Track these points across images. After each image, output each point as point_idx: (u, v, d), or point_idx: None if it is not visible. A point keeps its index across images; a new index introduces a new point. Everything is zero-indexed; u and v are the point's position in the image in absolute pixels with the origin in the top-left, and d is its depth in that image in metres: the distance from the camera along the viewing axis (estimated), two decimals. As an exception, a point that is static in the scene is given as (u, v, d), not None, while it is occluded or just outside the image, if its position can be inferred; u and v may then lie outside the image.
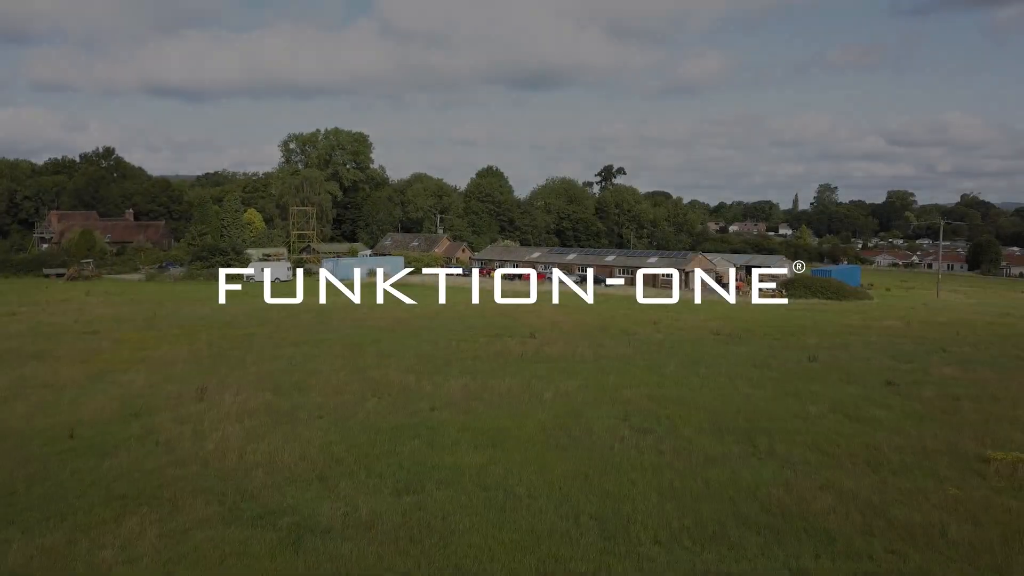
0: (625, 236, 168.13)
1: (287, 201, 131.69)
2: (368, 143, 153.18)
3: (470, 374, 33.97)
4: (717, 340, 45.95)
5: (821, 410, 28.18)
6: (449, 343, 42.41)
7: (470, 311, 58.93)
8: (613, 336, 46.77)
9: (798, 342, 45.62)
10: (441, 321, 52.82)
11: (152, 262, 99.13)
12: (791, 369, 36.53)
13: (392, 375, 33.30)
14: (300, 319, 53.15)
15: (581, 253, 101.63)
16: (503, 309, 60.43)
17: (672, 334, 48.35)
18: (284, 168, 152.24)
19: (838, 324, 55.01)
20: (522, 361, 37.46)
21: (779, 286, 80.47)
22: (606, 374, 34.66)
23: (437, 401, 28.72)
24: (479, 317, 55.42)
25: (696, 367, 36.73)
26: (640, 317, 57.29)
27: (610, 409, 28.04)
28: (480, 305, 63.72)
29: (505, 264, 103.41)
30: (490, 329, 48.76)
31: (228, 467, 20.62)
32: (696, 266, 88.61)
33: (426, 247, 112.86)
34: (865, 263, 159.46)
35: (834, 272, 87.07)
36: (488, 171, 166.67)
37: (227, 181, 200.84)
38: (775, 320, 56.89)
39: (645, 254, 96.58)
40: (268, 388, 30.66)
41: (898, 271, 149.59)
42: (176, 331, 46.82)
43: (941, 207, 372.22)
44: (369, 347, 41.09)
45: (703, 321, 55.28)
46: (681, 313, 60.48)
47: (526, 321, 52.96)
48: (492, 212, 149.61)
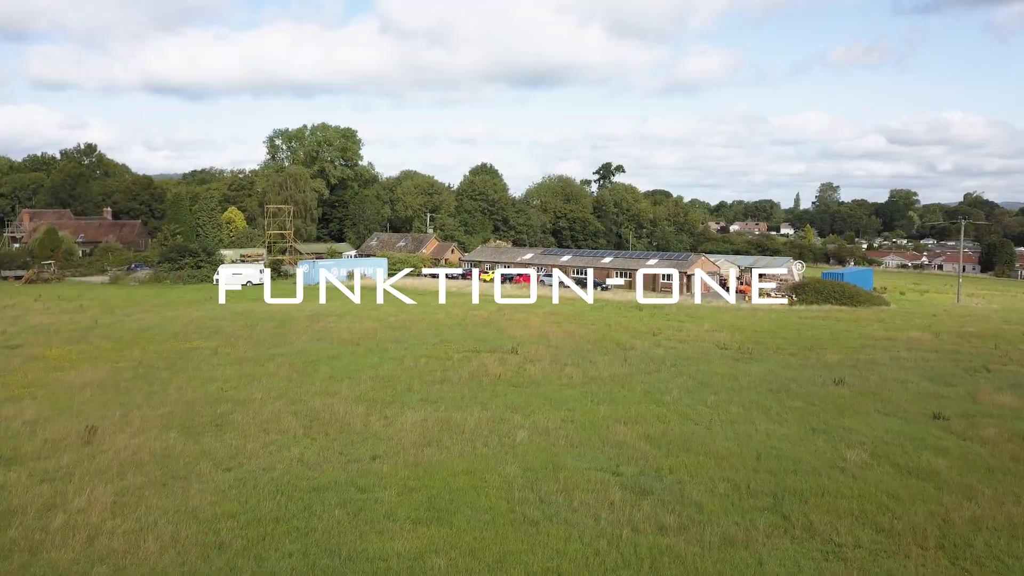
0: (624, 236, 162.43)
1: (269, 199, 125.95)
2: (357, 139, 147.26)
3: (432, 404, 28.32)
4: (725, 356, 40.31)
5: (862, 457, 22.55)
6: (416, 361, 36.73)
7: (450, 320, 53.28)
8: (607, 351, 41.12)
9: (818, 358, 39.98)
10: (416, 332, 47.18)
11: (121, 263, 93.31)
12: (815, 395, 30.89)
13: (338, 406, 27.63)
14: (257, 329, 47.49)
15: (577, 254, 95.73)
16: (487, 318, 54.79)
17: (674, 348, 42.72)
18: (269, 165, 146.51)
19: (859, 335, 49.37)
20: (498, 385, 31.80)
21: (787, 290, 74.78)
22: (596, 403, 29.02)
23: (383, 445, 23.07)
24: (459, 327, 49.77)
25: (703, 392, 31.10)
26: (638, 326, 51.68)
27: (598, 455, 22.42)
28: (473, 308, 58.05)
29: (497, 266, 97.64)
30: (468, 342, 43.10)
31: (63, 562, 14.94)
32: (700, 268, 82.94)
33: (413, 247, 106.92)
34: (872, 264, 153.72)
35: (846, 275, 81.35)
36: (482, 168, 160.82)
37: (214, 179, 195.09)
38: (788, 330, 51.25)
39: (644, 255, 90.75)
40: (178, 425, 25.00)
41: (907, 272, 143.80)
42: (109, 345, 41.12)
43: (944, 206, 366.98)
44: (323, 366, 35.42)
45: (708, 331, 49.65)
46: (683, 322, 54.84)
47: (511, 332, 47.31)
48: (485, 211, 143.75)
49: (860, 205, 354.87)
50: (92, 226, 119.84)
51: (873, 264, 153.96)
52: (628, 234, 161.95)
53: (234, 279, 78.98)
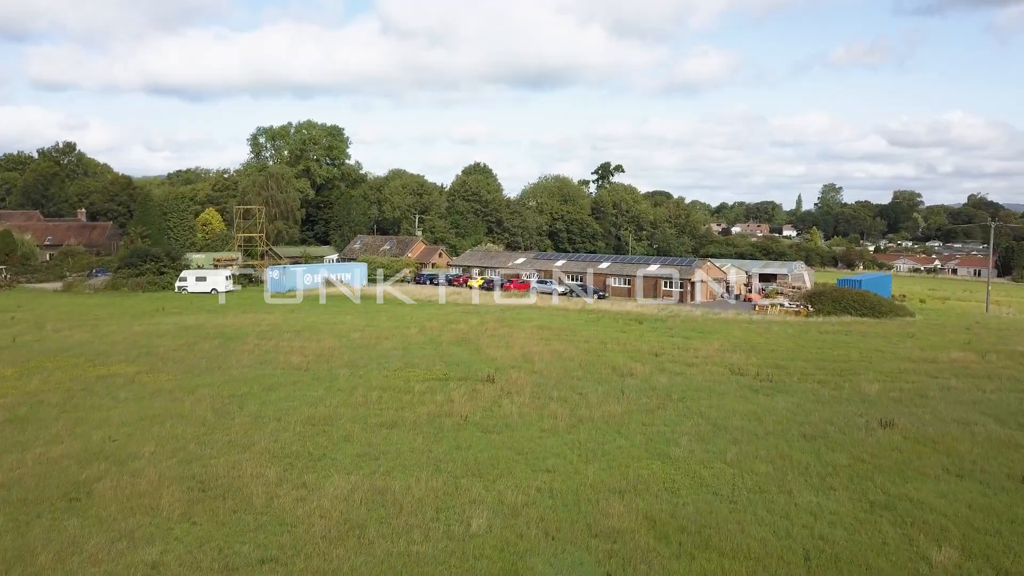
0: (624, 238, 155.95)
1: (249, 200, 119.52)
2: (344, 137, 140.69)
3: (370, 463, 21.83)
4: (742, 385, 33.82)
5: (952, 557, 16.07)
6: (368, 395, 30.22)
7: (423, 337, 46.76)
8: (601, 378, 34.65)
9: (852, 388, 33.47)
10: (379, 352, 40.68)
11: (82, 268, 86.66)
12: (863, 445, 24.40)
13: (246, 466, 21.17)
14: (196, 349, 40.97)
15: (572, 259, 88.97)
16: (466, 333, 48.26)
17: (680, 374, 36.23)
18: (252, 164, 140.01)
19: (892, 356, 42.84)
20: (462, 431, 25.31)
21: (801, 299, 68.22)
22: (584, 459, 22.55)
23: (284, 537, 16.59)
24: (431, 346, 43.26)
25: (720, 440, 24.62)
26: (638, 344, 45.20)
27: (583, 554, 15.96)
28: (452, 320, 51.68)
29: (487, 271, 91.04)
30: (437, 367, 36.59)
31: None
32: (703, 275, 76.44)
33: (398, 251, 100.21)
34: (883, 268, 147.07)
35: (864, 282, 74.85)
36: (475, 167, 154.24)
37: (199, 179, 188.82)
38: (810, 349, 44.75)
39: (645, 260, 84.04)
40: (16, 501, 18.51)
41: (920, 277, 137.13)
42: (9, 372, 34.61)
43: (948, 208, 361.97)
44: (251, 402, 28.91)
45: (718, 351, 43.17)
46: (689, 338, 48.35)
47: (490, 353, 40.79)
48: (478, 212, 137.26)
49: (864, 206, 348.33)
50: (60, 228, 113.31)
51: (884, 268, 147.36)
52: (628, 236, 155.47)
53: (198, 286, 72.48)
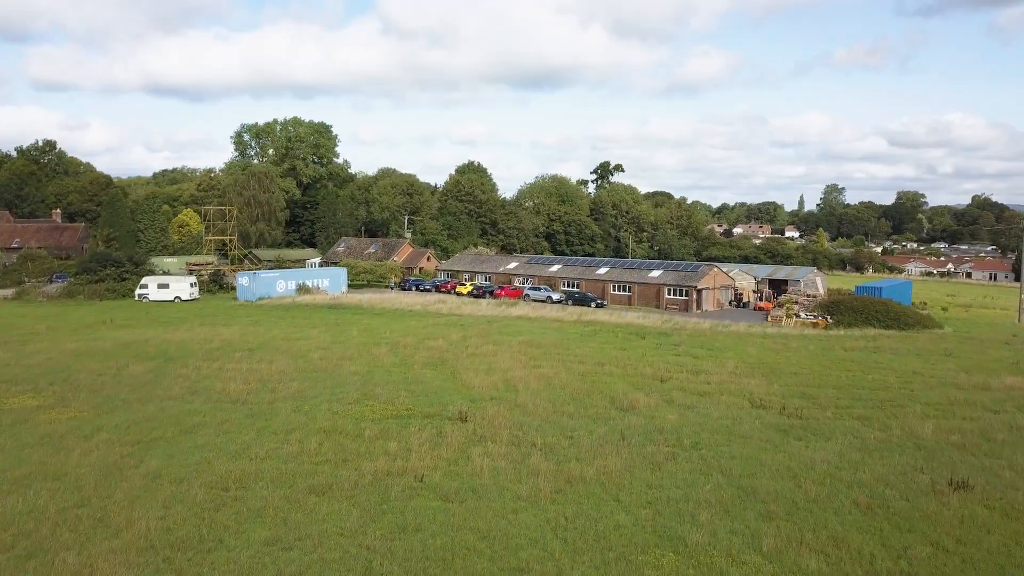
0: (623, 240, 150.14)
1: (230, 200, 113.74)
2: (331, 135, 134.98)
3: (276, 556, 15.88)
4: (767, 424, 27.93)
5: None
6: (305, 442, 24.28)
7: (393, 357, 40.85)
8: (596, 415, 28.77)
9: (901, 428, 27.57)
10: (336, 379, 34.79)
11: (42, 273, 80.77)
12: (936, 520, 18.53)
13: (100, 567, 15.23)
14: (123, 375, 35.06)
15: (568, 263, 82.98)
16: (443, 352, 42.36)
17: (691, 406, 30.36)
18: (236, 163, 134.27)
19: (937, 381, 36.92)
20: (412, 500, 19.39)
21: (819, 309, 62.32)
22: (569, 551, 16.65)
23: None
24: (399, 369, 37.36)
25: (749, 517, 18.72)
26: (640, 365, 39.34)
27: None
28: (430, 334, 45.93)
29: (475, 276, 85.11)
30: (400, 399, 30.68)
31: None
32: (711, 282, 70.55)
33: (384, 254, 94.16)
34: (893, 271, 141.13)
35: (884, 289, 68.90)
36: (469, 166, 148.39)
37: (185, 178, 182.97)
38: (838, 371, 38.85)
39: (647, 265, 78.03)
40: None
41: (933, 281, 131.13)
42: None
43: (952, 209, 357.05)
44: (156, 452, 22.99)
45: (733, 374, 37.31)
46: (699, 358, 42.48)
47: (467, 378, 34.89)
48: (472, 213, 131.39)
49: (868, 207, 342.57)
50: (29, 230, 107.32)
51: (894, 271, 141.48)
52: (628, 238, 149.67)
53: (160, 293, 66.57)
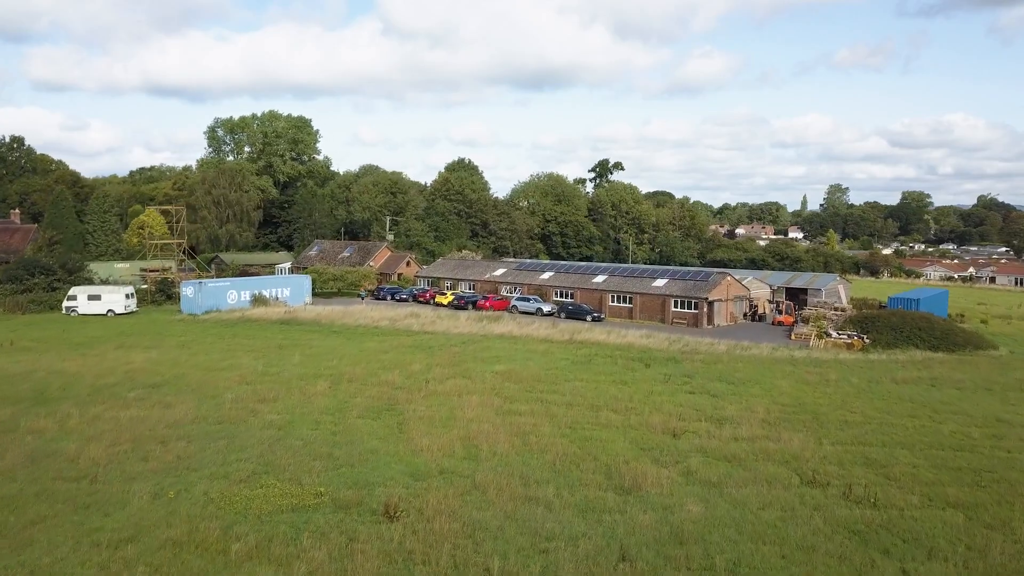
0: (623, 242, 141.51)
1: (197, 200, 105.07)
2: (312, 130, 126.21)
3: None
4: (829, 519, 19.37)
5: None
6: (129, 573, 15.65)
7: (328, 401, 32.27)
8: (585, 502, 20.22)
9: (1027, 527, 19.02)
10: (245, 432, 26.24)
11: (-27, 281, 72.02)
12: None
13: None
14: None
15: (560, 271, 74.01)
16: (394, 390, 33.80)
17: (717, 484, 21.82)
18: (210, 160, 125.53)
19: (1032, 434, 28.36)
20: None
21: (851, 326, 53.64)
22: None
23: None
24: (333, 418, 28.76)
25: None
26: (645, 411, 30.79)
27: None
28: (387, 362, 37.45)
29: (459, 284, 76.45)
30: (314, 473, 22.08)
31: None
32: (724, 292, 61.92)
33: (359, 259, 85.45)
34: (910, 276, 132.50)
35: (923, 300, 60.39)
36: (459, 164, 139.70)
37: (164, 177, 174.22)
38: (902, 420, 30.25)
39: (650, 272, 69.26)
40: None
41: (955, 286, 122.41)
42: None
43: (957, 209, 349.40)
44: None
45: (765, 422, 28.75)
46: (719, 396, 33.91)
47: (415, 437, 26.26)
48: (462, 213, 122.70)
49: (873, 207, 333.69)
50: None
51: (912, 276, 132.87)
52: (628, 240, 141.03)
53: (90, 306, 57.90)
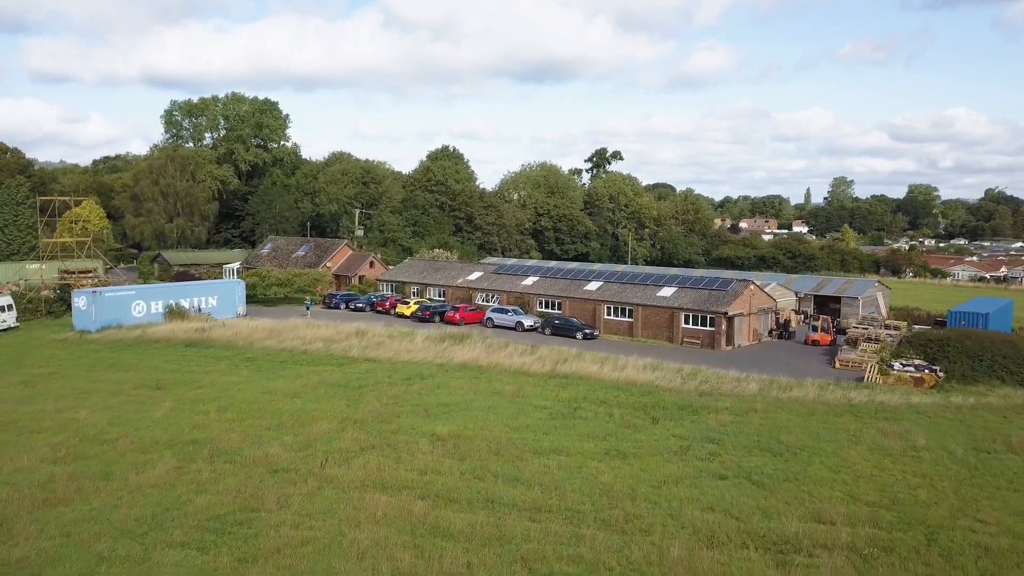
0: (622, 238, 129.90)
1: (142, 191, 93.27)
2: (279, 114, 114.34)
3: None
4: None
5: None
6: None
7: (164, 494, 20.97)
8: None
9: None
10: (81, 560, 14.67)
11: None
12: None
13: None
14: None
15: (546, 275, 61.79)
16: (256, 493, 22.48)
17: None
18: (166, 147, 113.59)
19: None
20: None
21: (915, 351, 42.04)
22: None
23: None
24: (142, 543, 17.24)
25: None
26: (658, 531, 19.27)
27: None
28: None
29: (427, 289, 64.89)
30: None
31: None
32: (746, 304, 50.36)
33: (314, 259, 73.78)
34: (936, 276, 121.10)
35: (992, 315, 49.05)
36: (443, 152, 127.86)
37: (130, 166, 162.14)
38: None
39: (654, 278, 57.40)
40: None
41: (987, 287, 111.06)
42: None
43: (964, 203, 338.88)
44: None
45: (852, 552, 17.22)
46: (767, 488, 22.51)
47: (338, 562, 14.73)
48: (444, 206, 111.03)
49: (880, 201, 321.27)
50: None
51: (936, 276, 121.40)
52: (627, 236, 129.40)
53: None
